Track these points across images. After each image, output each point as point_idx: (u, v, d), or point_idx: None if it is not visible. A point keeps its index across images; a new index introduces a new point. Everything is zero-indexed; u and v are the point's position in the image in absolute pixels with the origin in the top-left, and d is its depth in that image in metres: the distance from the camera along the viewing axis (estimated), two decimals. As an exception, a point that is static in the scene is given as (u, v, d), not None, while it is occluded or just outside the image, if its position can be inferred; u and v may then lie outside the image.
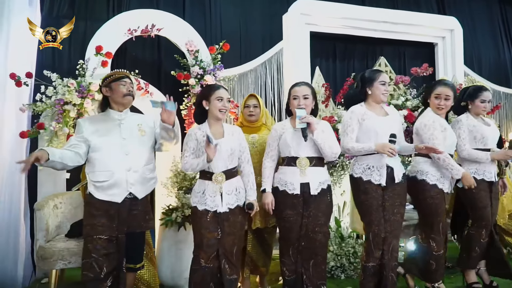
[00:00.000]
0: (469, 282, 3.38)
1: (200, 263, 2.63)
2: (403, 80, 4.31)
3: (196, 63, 4.11)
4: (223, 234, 2.62)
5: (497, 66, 6.10)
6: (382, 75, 2.95)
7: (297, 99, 2.78)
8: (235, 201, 2.65)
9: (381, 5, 5.35)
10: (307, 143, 2.73)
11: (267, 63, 4.74)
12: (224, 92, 2.69)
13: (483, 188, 3.29)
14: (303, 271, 2.75)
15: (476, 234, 3.32)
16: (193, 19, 4.65)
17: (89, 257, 2.54)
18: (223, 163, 2.62)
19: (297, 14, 4.71)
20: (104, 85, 2.67)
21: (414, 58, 5.61)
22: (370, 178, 2.88)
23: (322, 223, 2.76)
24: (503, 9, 6.27)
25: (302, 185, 2.73)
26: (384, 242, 2.87)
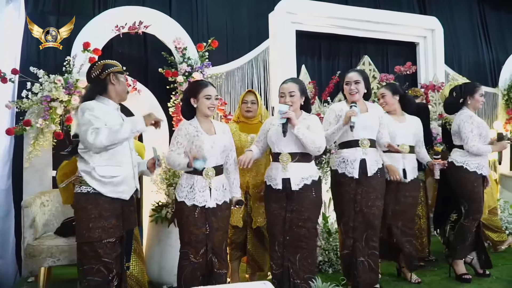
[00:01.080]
0: (458, 273, 3.50)
1: (190, 259, 2.64)
2: (387, 78, 4.41)
3: (184, 61, 4.11)
4: (211, 229, 2.63)
5: (476, 65, 6.26)
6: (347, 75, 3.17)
7: (284, 96, 2.82)
8: (222, 197, 2.69)
9: (365, 4, 5.43)
10: (289, 139, 2.74)
11: (254, 61, 4.76)
12: (212, 89, 2.71)
13: (480, 183, 3.46)
14: (289, 265, 2.79)
15: (470, 225, 3.48)
16: (179, 16, 4.65)
17: (98, 262, 2.40)
18: (214, 159, 2.65)
19: (283, 13, 4.75)
20: (111, 72, 2.51)
21: (396, 57, 5.72)
22: (344, 171, 3.04)
23: (305, 218, 2.77)
24: (482, 10, 6.44)
25: (283, 181, 2.77)
26: (354, 232, 3.02)
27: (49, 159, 3.83)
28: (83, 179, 2.40)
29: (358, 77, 3.08)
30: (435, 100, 5.29)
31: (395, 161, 3.26)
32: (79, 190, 2.42)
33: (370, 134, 3.07)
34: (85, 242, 2.39)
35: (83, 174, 2.41)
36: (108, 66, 2.53)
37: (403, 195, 3.32)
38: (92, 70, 2.52)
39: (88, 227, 2.38)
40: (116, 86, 2.53)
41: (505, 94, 5.75)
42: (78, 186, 2.42)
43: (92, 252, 2.39)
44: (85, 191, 2.40)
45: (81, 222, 2.40)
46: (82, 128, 2.34)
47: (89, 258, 2.40)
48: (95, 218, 2.39)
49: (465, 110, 3.52)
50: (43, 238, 3.20)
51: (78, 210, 2.44)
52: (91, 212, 2.39)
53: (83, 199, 2.40)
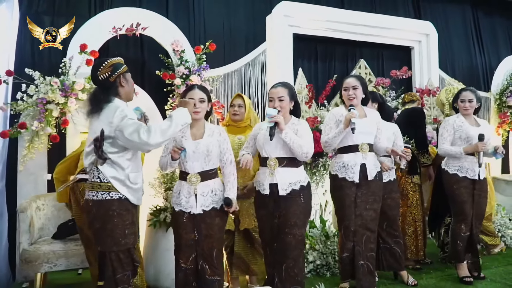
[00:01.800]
0: (460, 276, 3.53)
1: (180, 264, 2.61)
2: (383, 82, 4.43)
3: (181, 63, 4.09)
4: (200, 236, 2.57)
5: (469, 70, 6.33)
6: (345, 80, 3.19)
7: (273, 101, 2.78)
8: (210, 203, 2.59)
9: (361, 8, 5.46)
10: (276, 144, 2.71)
11: (251, 64, 4.75)
12: (197, 92, 2.61)
13: (464, 185, 3.49)
14: (275, 274, 2.75)
15: (456, 228, 3.54)
16: (176, 18, 4.62)
17: (130, 267, 2.37)
18: (199, 164, 2.57)
19: (280, 16, 4.75)
20: (120, 73, 2.40)
21: (391, 61, 5.76)
22: (345, 175, 3.05)
23: (292, 224, 2.70)
24: (475, 15, 6.51)
25: (271, 186, 2.73)
26: (355, 235, 3.04)
27: (44, 162, 3.78)
28: (111, 185, 2.31)
29: (356, 83, 3.09)
30: (429, 104, 5.34)
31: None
32: (108, 197, 2.31)
33: (369, 139, 3.09)
34: (122, 249, 2.34)
35: (113, 180, 2.31)
36: (116, 67, 2.39)
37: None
38: (100, 72, 2.37)
39: (124, 233, 2.33)
40: (126, 87, 2.45)
41: (497, 98, 5.82)
42: (105, 192, 2.32)
43: (127, 258, 2.36)
44: (117, 197, 2.32)
45: (116, 229, 2.31)
46: (126, 129, 2.25)
47: (124, 266, 2.35)
48: (130, 224, 2.36)
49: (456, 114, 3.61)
50: (39, 243, 3.15)
51: (111, 216, 2.31)
52: (126, 218, 2.34)
53: (117, 205, 2.32)
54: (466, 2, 6.47)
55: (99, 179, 2.32)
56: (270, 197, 2.74)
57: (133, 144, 2.28)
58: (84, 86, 3.64)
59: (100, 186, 2.31)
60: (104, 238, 2.32)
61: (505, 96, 5.71)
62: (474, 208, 3.51)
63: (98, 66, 2.40)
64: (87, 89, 3.68)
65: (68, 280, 3.75)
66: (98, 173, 2.33)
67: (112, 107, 2.33)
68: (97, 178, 2.33)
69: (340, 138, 3.00)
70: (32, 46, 4.11)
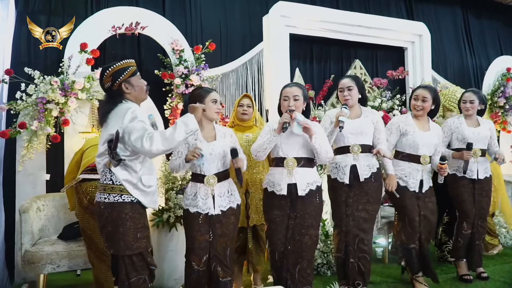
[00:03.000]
0: (459, 273, 3.60)
1: (193, 266, 2.61)
2: (381, 82, 4.49)
3: (180, 63, 4.08)
4: (214, 236, 2.59)
5: (460, 70, 6.44)
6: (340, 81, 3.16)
7: (288, 100, 2.77)
8: (227, 203, 2.63)
9: (355, 9, 5.52)
10: (294, 144, 2.74)
11: (248, 64, 4.77)
12: (217, 94, 2.70)
13: (463, 184, 3.56)
14: (288, 276, 2.74)
15: (459, 225, 3.62)
16: (173, 18, 4.60)
17: (145, 271, 2.35)
18: (215, 165, 2.61)
19: (277, 16, 4.77)
20: (122, 81, 2.34)
21: (385, 62, 5.83)
22: (336, 176, 3.08)
23: (309, 225, 2.73)
24: (465, 17, 6.63)
25: (289, 186, 2.72)
26: (347, 235, 3.05)
27: (43, 162, 3.75)
28: (124, 188, 2.28)
29: (351, 83, 3.10)
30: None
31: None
32: (120, 199, 2.28)
33: (363, 140, 3.07)
34: (135, 253, 2.30)
35: (125, 183, 2.28)
36: (117, 74, 2.33)
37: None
38: (104, 81, 2.37)
39: (136, 237, 2.29)
40: (132, 92, 2.37)
41: (489, 99, 5.92)
42: (117, 194, 2.28)
43: (141, 262, 2.33)
44: (129, 200, 2.29)
45: (129, 232, 2.28)
46: (134, 133, 2.21)
47: (138, 269, 2.32)
48: (142, 227, 2.34)
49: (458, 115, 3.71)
50: (41, 244, 3.11)
51: (123, 220, 2.27)
52: (138, 222, 2.32)
53: (129, 208, 2.29)
54: (457, 4, 6.59)
55: (111, 181, 2.29)
56: (287, 197, 2.73)
57: (137, 150, 2.24)
58: (84, 86, 3.61)
59: (112, 188, 2.28)
60: (117, 242, 2.29)
61: (496, 97, 5.83)
62: (475, 208, 3.56)
63: (102, 75, 2.38)
64: (87, 88, 3.65)
65: (67, 282, 3.71)
66: (110, 175, 2.29)
67: (123, 108, 2.29)
68: (109, 180, 2.30)
69: (333, 137, 3.00)
70: (29, 45, 4.06)
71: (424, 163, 3.26)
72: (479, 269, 3.62)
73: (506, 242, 4.54)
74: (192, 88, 4.05)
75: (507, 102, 5.83)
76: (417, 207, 3.27)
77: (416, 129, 3.27)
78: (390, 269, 3.89)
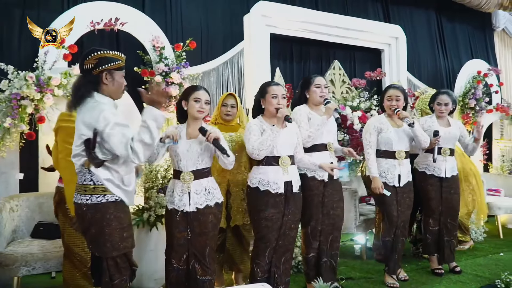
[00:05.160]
0: (432, 268, 3.72)
1: (172, 264, 2.61)
2: (360, 83, 4.56)
3: (161, 60, 4.02)
4: (193, 234, 2.58)
5: (434, 72, 6.63)
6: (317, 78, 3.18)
7: (277, 97, 2.81)
8: (204, 201, 2.60)
9: (334, 10, 5.59)
10: (288, 142, 2.82)
11: (229, 63, 4.75)
12: (203, 93, 2.65)
13: (431, 183, 3.68)
14: (275, 270, 2.80)
15: (425, 222, 3.76)
16: (153, 15, 4.51)
17: (127, 272, 2.30)
18: (192, 162, 2.59)
19: (258, 16, 4.77)
20: (105, 69, 2.21)
21: (363, 63, 5.93)
22: (314, 174, 3.09)
23: (297, 219, 2.90)
24: (439, 21, 6.83)
25: (285, 184, 2.79)
26: (321, 234, 3.11)
27: (16, 161, 3.62)
28: (106, 187, 2.19)
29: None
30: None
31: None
32: (103, 200, 2.18)
33: (334, 138, 3.23)
34: (120, 254, 2.23)
35: (107, 182, 2.19)
36: (103, 61, 2.19)
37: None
38: (86, 61, 2.20)
39: (123, 237, 2.22)
40: (109, 85, 2.23)
41: (460, 100, 6.12)
42: (100, 195, 2.19)
43: (125, 263, 2.27)
44: (113, 200, 2.21)
45: (114, 233, 2.20)
46: (113, 139, 2.10)
47: (122, 270, 2.25)
48: (127, 227, 2.27)
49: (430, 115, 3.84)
50: (15, 246, 3.00)
51: (108, 220, 2.18)
52: (124, 221, 2.24)
53: (113, 208, 2.20)
54: (431, 8, 6.77)
55: (92, 181, 2.18)
56: (282, 195, 2.78)
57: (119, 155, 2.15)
58: (60, 82, 3.50)
59: (94, 189, 2.18)
60: (103, 244, 2.20)
61: (468, 98, 6.02)
62: (442, 205, 3.68)
63: (87, 54, 2.22)
64: (63, 85, 3.54)
65: (41, 284, 3.59)
66: (90, 175, 2.19)
67: (96, 108, 2.14)
68: (89, 180, 2.18)
69: (322, 130, 3.04)
70: (1, 38, 3.91)
71: (400, 158, 3.39)
72: (452, 263, 3.73)
73: (477, 238, 4.70)
74: (172, 86, 4.00)
75: (477, 103, 6.03)
76: (396, 202, 3.39)
77: (390, 127, 3.41)
78: (369, 265, 3.95)
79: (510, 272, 3.19)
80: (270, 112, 2.83)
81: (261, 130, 2.80)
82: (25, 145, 3.60)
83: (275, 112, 2.79)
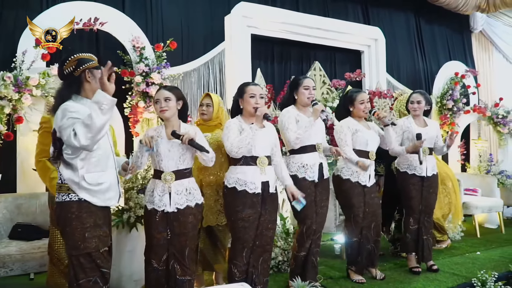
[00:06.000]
0: (409, 266, 3.77)
1: (152, 264, 2.61)
2: (340, 84, 4.62)
3: (141, 60, 4.02)
4: (172, 234, 2.59)
5: (412, 74, 6.75)
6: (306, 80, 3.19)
7: (254, 97, 2.82)
8: (184, 201, 2.60)
9: (315, 12, 5.65)
10: (266, 142, 2.83)
11: (210, 63, 4.77)
12: (162, 92, 2.62)
13: (413, 182, 3.73)
14: (253, 270, 2.82)
15: (405, 221, 3.81)
16: (133, 15, 4.51)
17: (95, 273, 2.24)
18: (173, 163, 2.60)
19: (239, 16, 4.80)
20: (86, 68, 2.23)
21: (343, 64, 6.02)
22: (305, 175, 3.11)
23: (274, 219, 2.89)
24: (418, 23, 6.96)
25: (263, 184, 2.80)
26: (314, 233, 3.15)
27: (-8, 161, 3.57)
28: (69, 186, 2.18)
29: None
30: (378, 105, 5.62)
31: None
32: (67, 198, 2.18)
33: (321, 138, 3.26)
34: (82, 254, 2.20)
35: (69, 182, 2.18)
36: (82, 61, 2.23)
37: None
38: (65, 66, 2.23)
39: (84, 237, 2.18)
40: (92, 83, 2.25)
41: (438, 101, 6.25)
42: (65, 193, 2.19)
43: (90, 263, 2.22)
44: (75, 199, 2.19)
45: (75, 232, 2.18)
46: (65, 132, 2.10)
47: (87, 271, 2.22)
48: (91, 227, 2.21)
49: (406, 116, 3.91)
50: (-8, 247, 2.97)
51: (69, 219, 2.18)
52: (86, 221, 2.20)
53: (76, 207, 2.19)
54: (410, 10, 6.89)
55: (61, 180, 2.21)
56: (259, 195, 2.79)
57: (75, 148, 2.13)
58: (39, 82, 3.48)
59: (61, 187, 2.19)
60: (66, 242, 2.24)
61: (445, 99, 6.15)
62: (422, 204, 3.75)
63: (65, 60, 2.26)
64: (42, 85, 3.52)
65: (19, 285, 3.54)
66: (60, 174, 2.22)
67: (68, 106, 2.16)
68: (59, 179, 2.22)
69: (310, 131, 3.07)
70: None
71: (372, 158, 3.46)
72: (430, 262, 3.81)
73: (454, 237, 4.80)
74: (153, 86, 3.99)
75: (455, 104, 6.16)
76: (363, 204, 3.43)
77: (363, 129, 3.47)
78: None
79: (486, 271, 3.24)
80: (249, 111, 2.84)
81: (240, 129, 2.80)
82: (3, 145, 3.56)
83: (253, 112, 2.80)
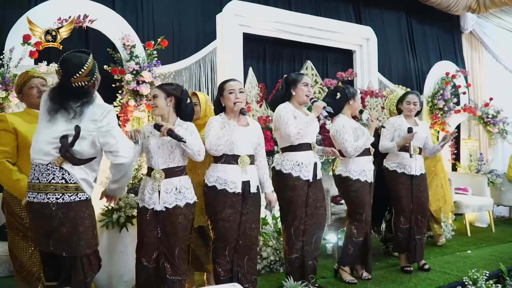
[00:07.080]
0: (401, 265, 3.80)
1: (142, 262, 2.60)
2: (331, 83, 4.61)
3: (132, 58, 3.96)
4: (163, 233, 2.59)
5: (404, 73, 6.77)
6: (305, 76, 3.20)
7: (234, 92, 2.80)
8: (173, 201, 2.57)
9: (307, 11, 5.64)
10: (249, 141, 2.82)
11: (201, 62, 4.72)
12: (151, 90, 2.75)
13: (401, 181, 3.76)
14: (238, 270, 2.80)
15: (396, 220, 3.83)
16: (124, 12, 4.44)
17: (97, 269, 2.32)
18: (163, 160, 2.58)
19: (231, 15, 4.76)
20: (96, 77, 2.31)
21: (335, 63, 6.01)
22: (299, 174, 3.07)
23: (257, 219, 2.88)
24: (409, 22, 6.98)
25: (243, 183, 2.76)
26: (304, 234, 3.10)
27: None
28: (79, 186, 2.18)
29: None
30: (370, 105, 5.63)
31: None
32: (76, 198, 2.16)
33: (314, 138, 3.26)
34: (92, 251, 2.25)
35: (82, 182, 2.18)
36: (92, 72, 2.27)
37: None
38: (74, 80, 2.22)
39: (94, 234, 2.25)
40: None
41: (429, 101, 6.27)
42: (73, 193, 2.16)
43: (96, 259, 2.29)
44: (84, 198, 2.20)
45: (88, 231, 2.21)
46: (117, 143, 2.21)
47: (93, 267, 2.27)
48: (95, 224, 2.31)
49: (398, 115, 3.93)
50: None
51: (82, 218, 2.18)
52: (94, 219, 2.29)
53: (86, 206, 2.21)
54: (402, 10, 6.91)
55: (64, 180, 2.14)
56: (240, 195, 2.75)
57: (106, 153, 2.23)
58: (27, 80, 3.40)
59: (67, 187, 2.14)
60: (76, 242, 2.16)
61: (436, 99, 6.18)
62: (413, 203, 3.76)
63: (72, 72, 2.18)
64: (29, 83, 3.44)
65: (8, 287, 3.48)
66: (62, 173, 2.14)
67: (101, 107, 2.24)
68: (61, 179, 2.14)
69: (310, 127, 3.06)
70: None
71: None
72: (421, 261, 3.82)
73: (445, 235, 4.82)
74: (143, 84, 3.94)
75: (446, 104, 6.19)
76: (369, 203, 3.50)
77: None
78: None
79: (477, 270, 3.27)
80: (230, 108, 2.81)
81: (222, 126, 2.77)
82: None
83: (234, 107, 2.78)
